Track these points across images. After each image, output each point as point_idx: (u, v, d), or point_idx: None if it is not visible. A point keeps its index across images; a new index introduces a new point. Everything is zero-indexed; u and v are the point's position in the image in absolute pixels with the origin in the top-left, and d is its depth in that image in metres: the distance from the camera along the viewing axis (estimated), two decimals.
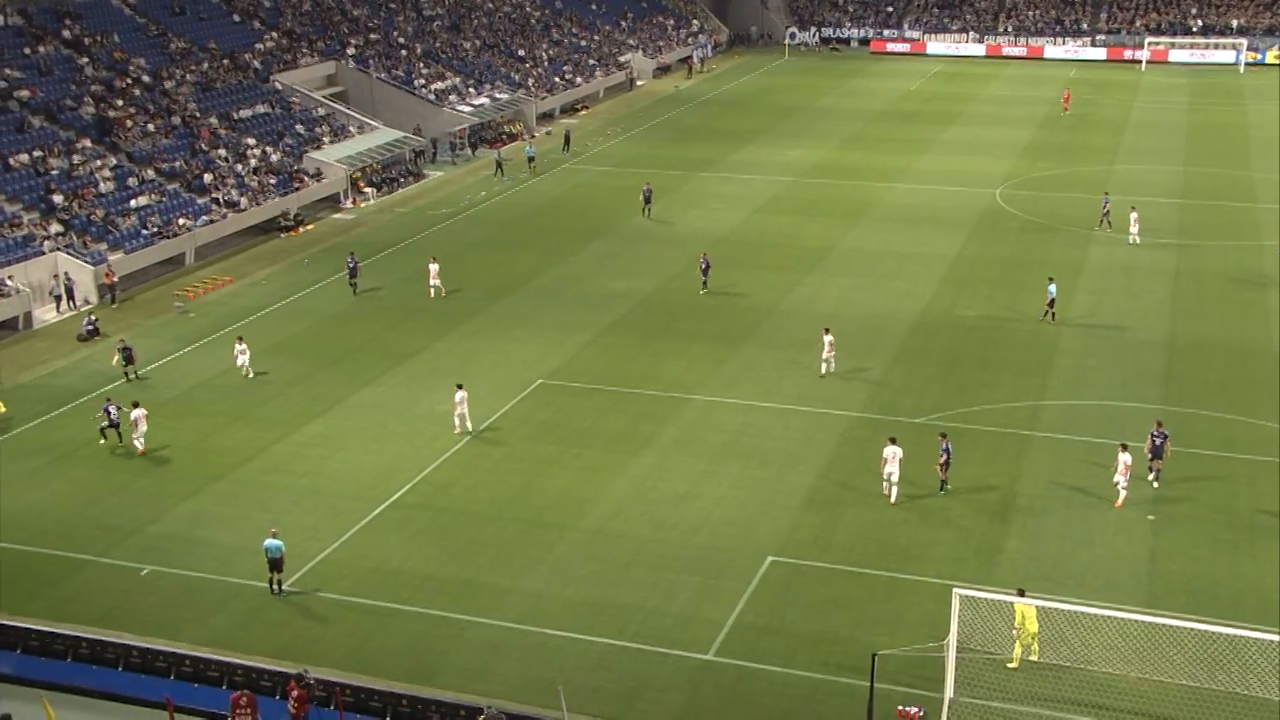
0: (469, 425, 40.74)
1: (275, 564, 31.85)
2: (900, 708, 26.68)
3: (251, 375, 45.33)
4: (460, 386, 40.87)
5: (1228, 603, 30.88)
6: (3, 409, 42.42)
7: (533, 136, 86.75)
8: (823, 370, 44.52)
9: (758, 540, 34.23)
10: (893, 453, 35.88)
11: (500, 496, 36.96)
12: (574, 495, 36.99)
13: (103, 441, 40.44)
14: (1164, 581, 31.99)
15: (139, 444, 39.91)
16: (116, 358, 45.78)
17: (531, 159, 77.92)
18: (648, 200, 65.90)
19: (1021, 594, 28.43)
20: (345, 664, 28.95)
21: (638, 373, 45.75)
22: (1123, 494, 35.34)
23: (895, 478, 35.86)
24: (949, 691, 27.04)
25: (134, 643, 28.80)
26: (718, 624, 30.46)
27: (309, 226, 66.70)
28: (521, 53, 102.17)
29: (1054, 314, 49.90)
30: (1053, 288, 50.28)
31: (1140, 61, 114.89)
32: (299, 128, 75.32)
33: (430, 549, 34.18)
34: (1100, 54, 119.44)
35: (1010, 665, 28.22)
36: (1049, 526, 34.58)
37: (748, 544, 34.05)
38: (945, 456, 36.17)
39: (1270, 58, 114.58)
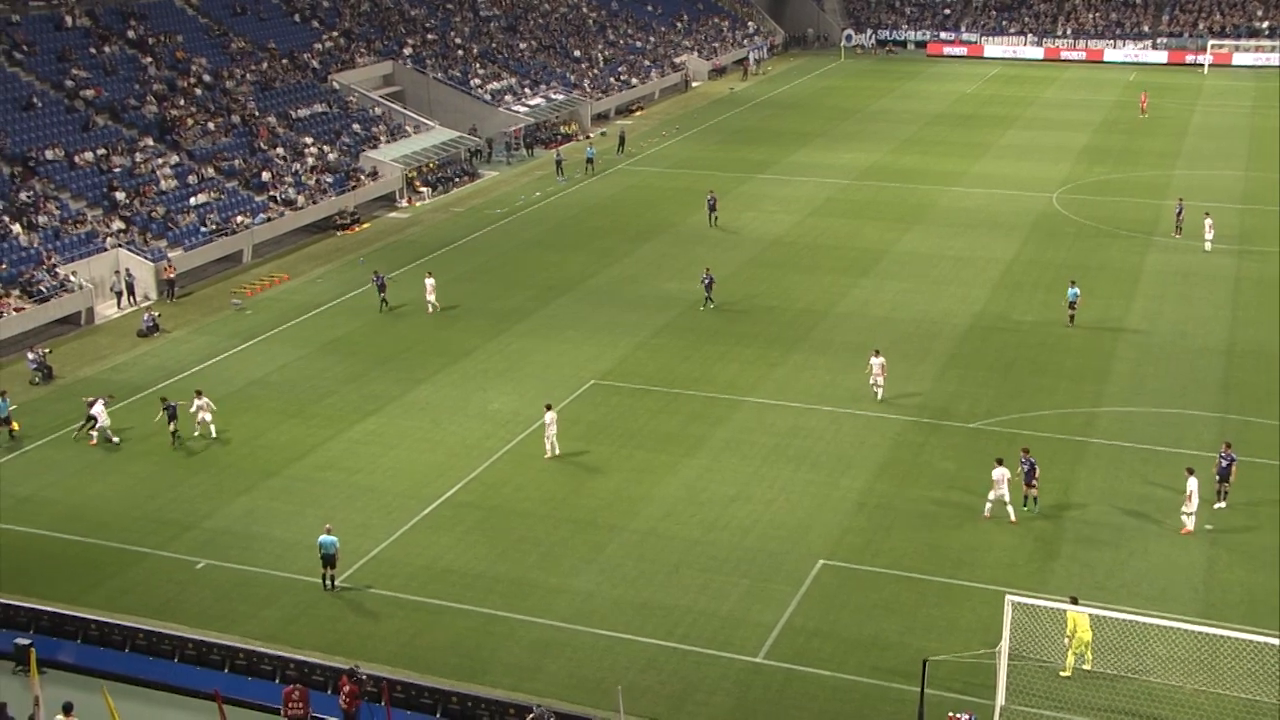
0: (557, 449, 39.28)
1: (329, 560, 32.12)
2: (951, 714, 26.48)
3: (213, 435, 41.07)
4: (550, 407, 39.67)
5: None
6: (16, 427, 42.08)
7: (589, 138, 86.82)
8: (878, 395, 42.76)
9: (809, 543, 34.12)
10: (1002, 474, 34.59)
11: (551, 496, 37.06)
12: (625, 496, 37.03)
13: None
14: (1221, 592, 31.57)
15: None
16: (160, 415, 41.43)
17: (590, 160, 78.08)
18: (713, 208, 64.79)
19: (1075, 602, 28.13)
20: (395, 660, 29.16)
21: (690, 374, 45.73)
22: (1189, 522, 34.08)
23: (1008, 498, 34.55)
24: (1000, 699, 26.83)
25: (189, 635, 29.19)
26: (768, 627, 30.40)
27: (365, 225, 67.22)
28: (577, 53, 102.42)
29: (1073, 316, 49.39)
30: (1074, 290, 49.78)
31: (1202, 65, 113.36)
32: (355, 127, 75.93)
33: (481, 547, 34.34)
34: (1161, 57, 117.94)
35: (1063, 674, 27.96)
36: (1103, 534, 34.20)
37: (799, 547, 33.94)
38: (1028, 469, 35.29)
39: None
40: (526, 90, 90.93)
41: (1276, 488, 36.52)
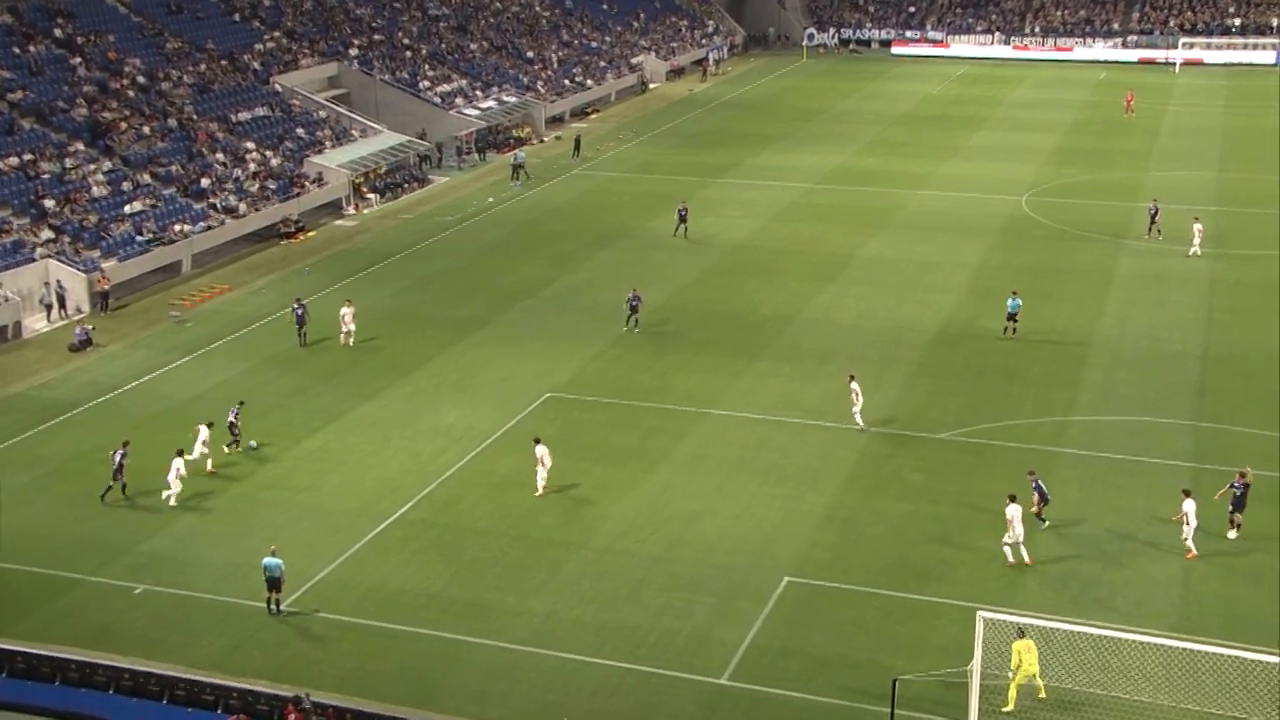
0: (544, 483, 37.89)
1: (274, 583, 31.88)
2: None
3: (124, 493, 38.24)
4: (539, 441, 38.27)
5: (1267, 627, 30.73)
6: None
7: (520, 144, 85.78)
8: (859, 424, 41.49)
9: (774, 560, 34.18)
10: (1015, 512, 33.41)
11: (507, 514, 36.97)
12: (584, 512, 36.99)
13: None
14: (1198, 605, 31.85)
15: (208, 465, 39.39)
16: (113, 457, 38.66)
17: (519, 166, 76.91)
18: (683, 219, 63.94)
19: (1021, 635, 27.99)
20: (345, 687, 28.95)
21: (650, 385, 45.76)
22: (1192, 547, 33.71)
23: (1022, 537, 33.59)
24: (973, 719, 26.94)
25: (125, 665, 28.82)
26: (733, 646, 30.41)
27: (310, 233, 66.91)
28: (530, 54, 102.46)
29: (1015, 328, 49.18)
30: (1016, 301, 49.40)
31: (1174, 63, 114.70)
32: (300, 131, 75.61)
33: (434, 568, 34.19)
34: (1132, 55, 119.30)
35: (1005, 709, 27.82)
36: (1076, 547, 34.43)
37: (764, 563, 34.00)
38: (1036, 494, 34.92)
39: None
40: (478, 93, 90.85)
41: (1252, 496, 36.87)
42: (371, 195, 72.87)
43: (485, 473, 39.51)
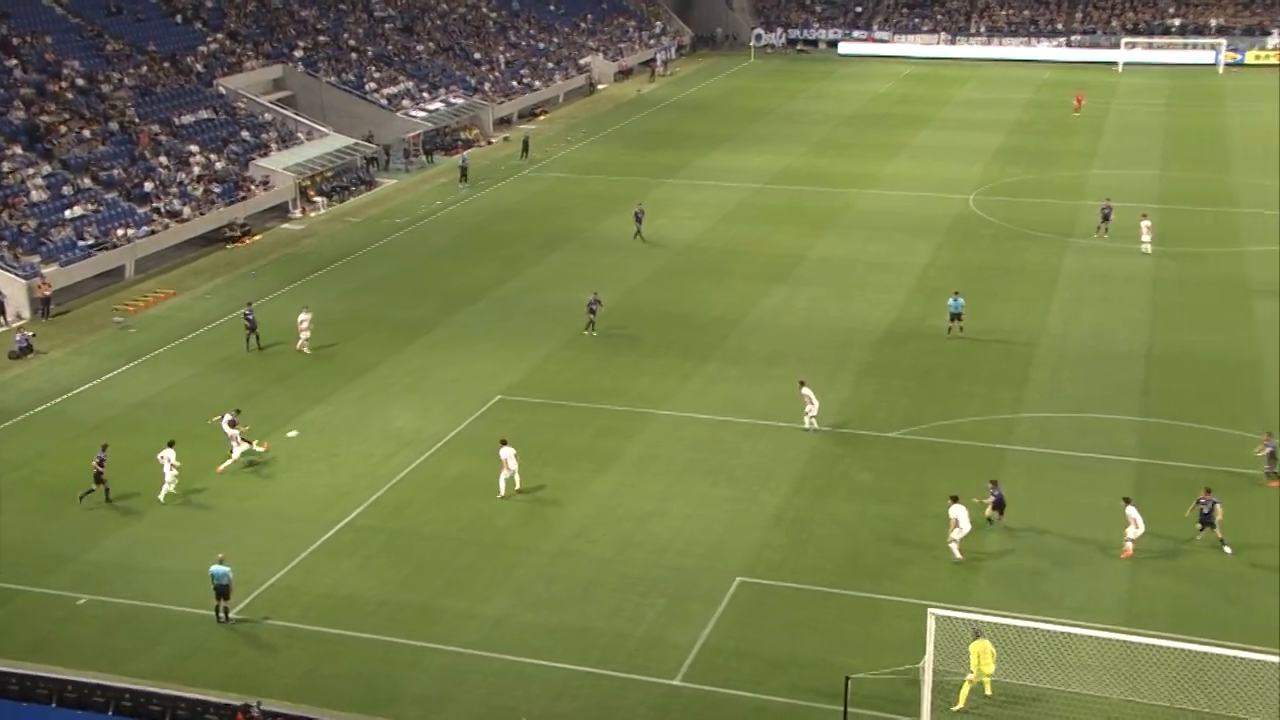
0: (504, 487, 37.88)
1: (222, 591, 31.62)
2: None
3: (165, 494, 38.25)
4: (505, 442, 38.21)
5: (1211, 621, 31.14)
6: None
7: (468, 146, 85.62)
8: (806, 425, 41.68)
9: (726, 560, 34.28)
10: (959, 511, 33.79)
11: (457, 518, 36.86)
12: (534, 515, 36.94)
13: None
14: (1146, 600, 32.23)
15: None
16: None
17: (464, 169, 76.97)
18: (639, 220, 64.01)
19: (978, 635, 28.16)
20: (295, 694, 28.76)
21: (601, 387, 45.77)
22: (1129, 546, 33.85)
23: (967, 531, 33.85)
24: (926, 716, 27.14)
25: (69, 676, 28.44)
26: (685, 647, 30.47)
27: (257, 237, 66.41)
28: (478, 55, 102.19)
29: (962, 327, 49.54)
30: (958, 301, 49.77)
31: (1117, 62, 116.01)
32: (245, 134, 75.00)
33: (385, 573, 34.03)
34: (1076, 55, 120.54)
35: (955, 708, 28.01)
36: (1025, 544, 34.75)
37: (716, 564, 34.09)
38: (994, 498, 35.13)
39: (1250, 58, 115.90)
40: (425, 94, 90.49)
41: (1196, 491, 37.36)
42: (319, 198, 72.41)
43: (436, 476, 39.37)
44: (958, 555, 33.90)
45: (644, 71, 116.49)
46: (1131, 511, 33.77)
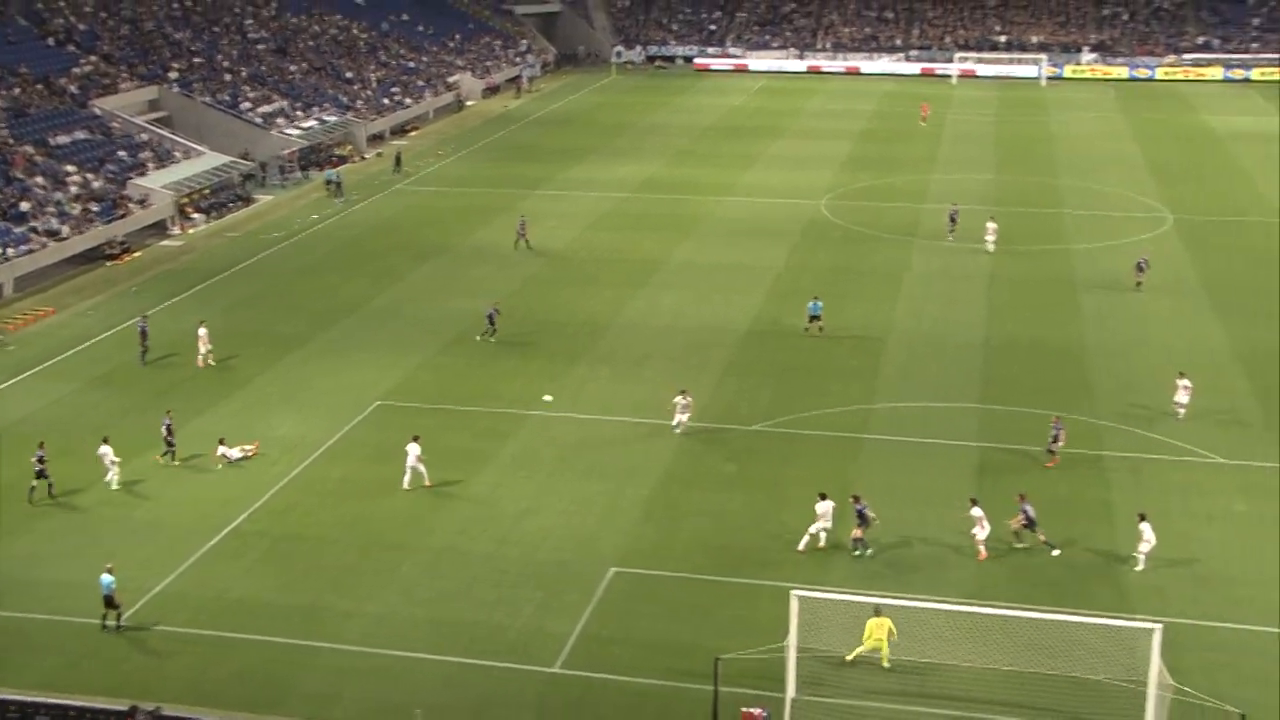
0: (408, 482, 37.91)
1: (109, 600, 30.82)
2: (744, 710, 27.06)
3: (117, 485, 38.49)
4: (416, 439, 38.24)
5: (1050, 589, 32.10)
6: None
7: (342, 161, 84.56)
8: (675, 424, 41.40)
9: (600, 552, 34.38)
10: (826, 508, 33.88)
11: (341, 519, 36.40)
12: (416, 515, 36.65)
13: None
14: (992, 573, 33.07)
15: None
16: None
17: (330, 182, 76.11)
18: (522, 233, 63.37)
19: (878, 613, 28.62)
20: (185, 697, 28.13)
21: (476, 390, 45.56)
22: (982, 550, 33.73)
23: (825, 530, 34.04)
24: (791, 691, 27.57)
25: None
26: (563, 637, 30.50)
27: (136, 254, 64.69)
28: (349, 74, 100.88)
29: (821, 327, 49.98)
30: (816, 304, 50.28)
31: (951, 76, 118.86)
32: (121, 153, 73.01)
33: (271, 576, 33.48)
34: (914, 69, 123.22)
35: (848, 658, 28.68)
36: (883, 525, 35.35)
37: (590, 556, 34.17)
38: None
39: (1068, 72, 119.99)
40: (299, 112, 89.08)
41: (1033, 472, 38.52)
42: (197, 215, 70.78)
43: (319, 481, 38.84)
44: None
45: (510, 88, 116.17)
46: (977, 511, 33.93)
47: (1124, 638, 27.81)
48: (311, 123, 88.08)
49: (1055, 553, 33.86)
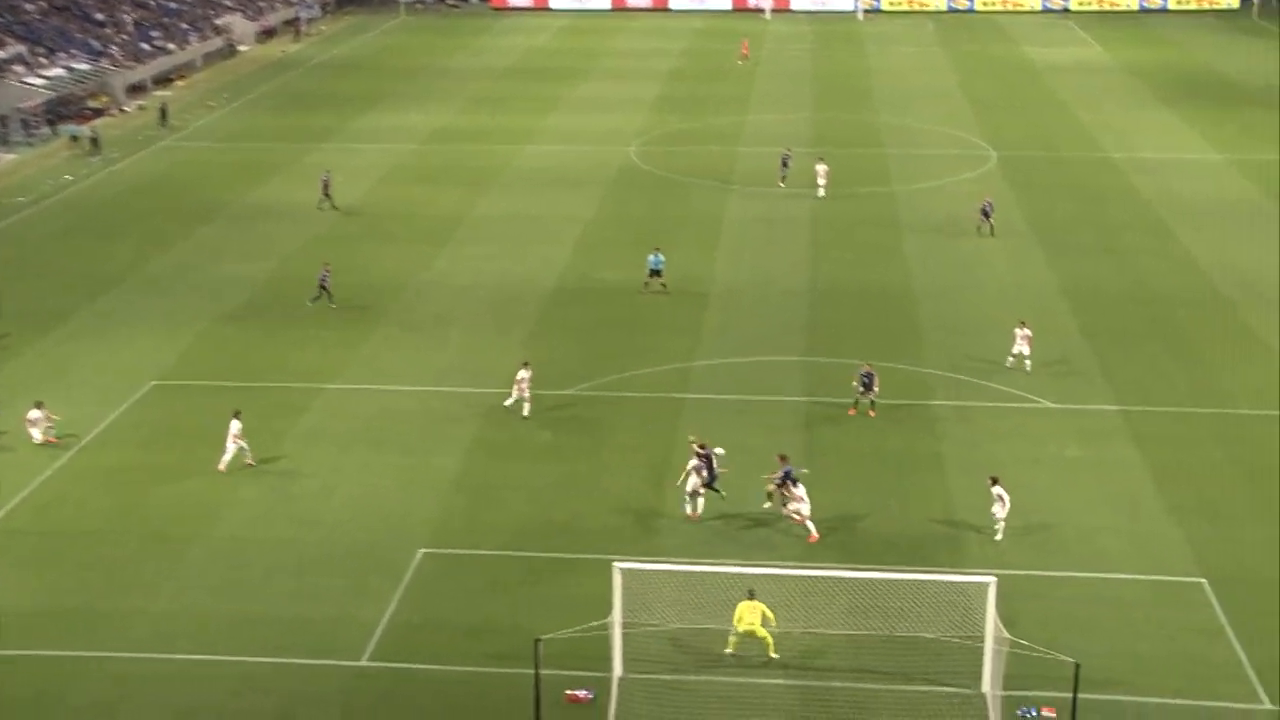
0: (249, 458, 37.25)
1: None
2: (568, 692, 27.27)
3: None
4: (237, 415, 37.41)
5: (878, 547, 33.11)
6: None
7: (98, 115, 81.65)
8: (510, 402, 40.59)
9: (408, 532, 34.12)
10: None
11: (114, 511, 35.28)
12: (201, 502, 35.73)
13: None
14: (823, 536, 33.75)
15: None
16: None
17: (76, 138, 74.18)
18: (326, 191, 61.57)
19: (751, 596, 28.63)
20: None
21: (264, 364, 44.63)
22: (812, 529, 33.57)
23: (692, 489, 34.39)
24: (617, 669, 27.88)
25: None
26: (370, 626, 30.18)
27: None
28: (100, 16, 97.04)
29: (664, 284, 50.11)
30: (658, 257, 50.47)
31: (765, 11, 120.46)
32: None
33: (36, 580, 32.23)
34: (726, 4, 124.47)
35: (726, 650, 28.70)
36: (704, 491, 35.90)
37: (397, 537, 33.88)
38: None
39: (885, 4, 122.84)
40: (42, 60, 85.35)
41: (858, 423, 39.60)
42: None
43: (89, 470, 37.56)
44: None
45: (288, 31, 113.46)
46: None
47: (958, 593, 28.88)
48: (58, 71, 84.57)
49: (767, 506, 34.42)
